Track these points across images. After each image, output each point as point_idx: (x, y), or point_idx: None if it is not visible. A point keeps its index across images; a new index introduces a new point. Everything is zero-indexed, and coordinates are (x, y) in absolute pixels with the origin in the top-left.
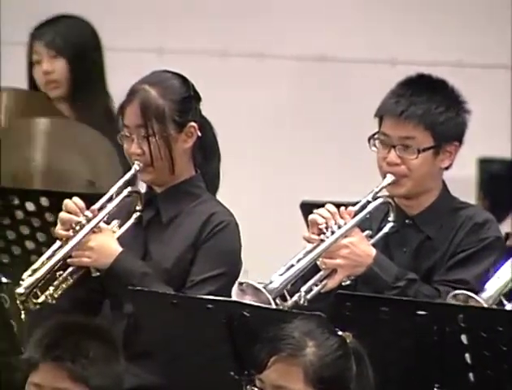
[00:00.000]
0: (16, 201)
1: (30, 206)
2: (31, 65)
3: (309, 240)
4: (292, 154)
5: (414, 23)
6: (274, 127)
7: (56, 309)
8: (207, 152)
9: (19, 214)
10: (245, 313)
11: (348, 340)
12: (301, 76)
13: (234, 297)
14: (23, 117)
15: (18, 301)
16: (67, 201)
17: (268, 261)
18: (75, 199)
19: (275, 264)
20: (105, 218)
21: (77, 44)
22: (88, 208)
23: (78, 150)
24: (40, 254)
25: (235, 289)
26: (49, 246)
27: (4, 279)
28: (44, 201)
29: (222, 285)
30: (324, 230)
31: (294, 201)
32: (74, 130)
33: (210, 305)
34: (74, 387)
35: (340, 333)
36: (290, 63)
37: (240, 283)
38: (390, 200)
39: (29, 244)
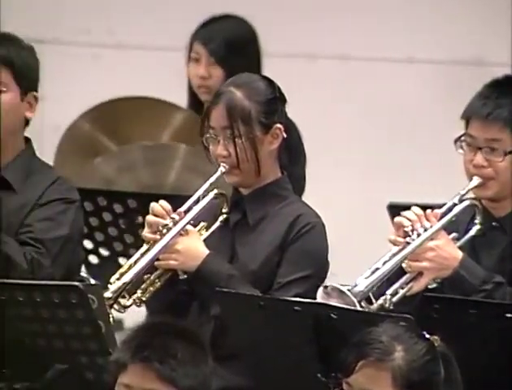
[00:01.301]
0: (104, 203)
1: (118, 208)
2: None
3: (395, 243)
4: (380, 155)
5: None
6: (361, 128)
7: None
8: (293, 153)
9: (107, 216)
10: (332, 315)
11: (436, 344)
12: (387, 78)
13: (319, 300)
14: (185, 138)
15: (106, 305)
16: (153, 204)
17: (354, 263)
18: (162, 202)
19: (361, 266)
20: (191, 221)
21: (238, 54)
22: (174, 211)
23: (203, 177)
24: (127, 256)
25: (320, 292)
26: (136, 248)
27: (92, 281)
28: (131, 203)
29: (309, 287)
30: (410, 233)
31: (381, 203)
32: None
33: (297, 307)
34: (162, 387)
35: (428, 337)
36: (376, 65)
37: (325, 286)
38: (477, 202)
39: (117, 246)
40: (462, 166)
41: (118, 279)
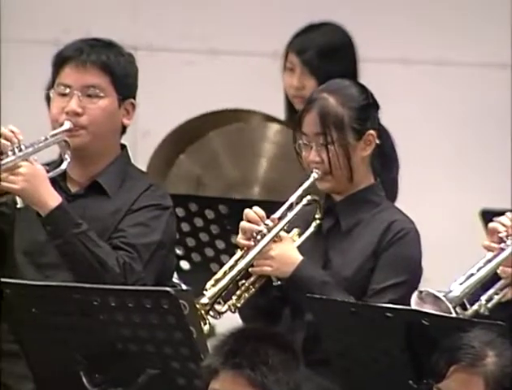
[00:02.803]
0: (196, 209)
1: (209, 214)
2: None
3: (489, 249)
4: (471, 162)
5: None
6: (453, 133)
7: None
8: (386, 160)
9: (199, 222)
10: (424, 321)
11: None
12: (479, 83)
13: (413, 306)
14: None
15: (202, 311)
16: (247, 211)
17: (448, 269)
18: (256, 208)
19: (455, 273)
20: (285, 227)
21: (332, 63)
22: (268, 217)
23: (297, 164)
24: (219, 262)
25: (414, 297)
26: (228, 254)
27: (184, 286)
28: (223, 209)
29: (403, 293)
30: (505, 238)
31: (474, 209)
32: None
33: (388, 314)
34: None
35: None
36: (469, 70)
37: (420, 292)
38: None
39: (208, 252)
40: None
41: (213, 285)
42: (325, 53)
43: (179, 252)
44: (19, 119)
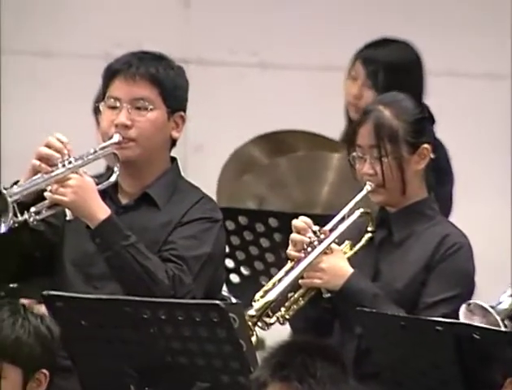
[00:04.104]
0: (246, 222)
1: (259, 227)
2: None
3: None
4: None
5: None
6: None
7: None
8: (440, 174)
9: (249, 235)
10: (474, 335)
11: None
12: None
13: (461, 318)
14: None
15: (250, 323)
16: (295, 221)
17: (496, 281)
18: (307, 220)
19: (505, 285)
20: (336, 239)
21: (396, 82)
22: (319, 229)
23: (355, 190)
24: (268, 275)
25: (462, 309)
26: (278, 267)
27: (233, 300)
28: (273, 222)
29: (455, 307)
30: None
31: None
32: None
33: (439, 327)
34: None
35: None
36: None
37: (468, 304)
38: None
39: (258, 265)
40: None
41: (262, 296)
42: (390, 69)
43: (228, 265)
44: (71, 132)
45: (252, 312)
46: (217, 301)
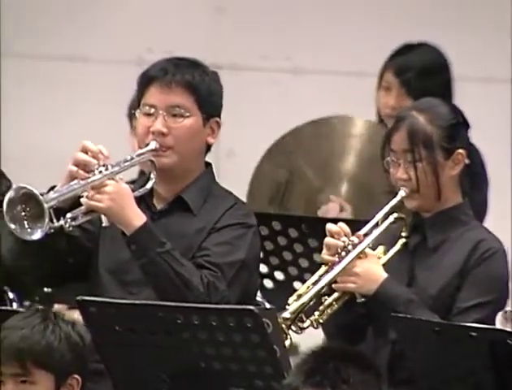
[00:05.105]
0: (279, 228)
1: (293, 232)
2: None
3: None
4: None
5: None
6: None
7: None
8: (475, 179)
9: (282, 240)
10: (509, 341)
11: None
12: None
13: (498, 325)
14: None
15: (283, 326)
16: (330, 225)
17: None
18: (341, 224)
19: None
20: (370, 244)
21: (429, 84)
22: (353, 233)
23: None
24: (302, 280)
25: (499, 317)
26: (311, 272)
27: (267, 305)
28: (306, 228)
29: (489, 313)
30: None
31: None
32: None
33: (473, 333)
34: None
35: None
36: None
37: (505, 312)
38: None
39: (292, 270)
40: None
41: (296, 300)
42: (423, 74)
43: (262, 270)
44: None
45: (286, 314)
46: (251, 307)
